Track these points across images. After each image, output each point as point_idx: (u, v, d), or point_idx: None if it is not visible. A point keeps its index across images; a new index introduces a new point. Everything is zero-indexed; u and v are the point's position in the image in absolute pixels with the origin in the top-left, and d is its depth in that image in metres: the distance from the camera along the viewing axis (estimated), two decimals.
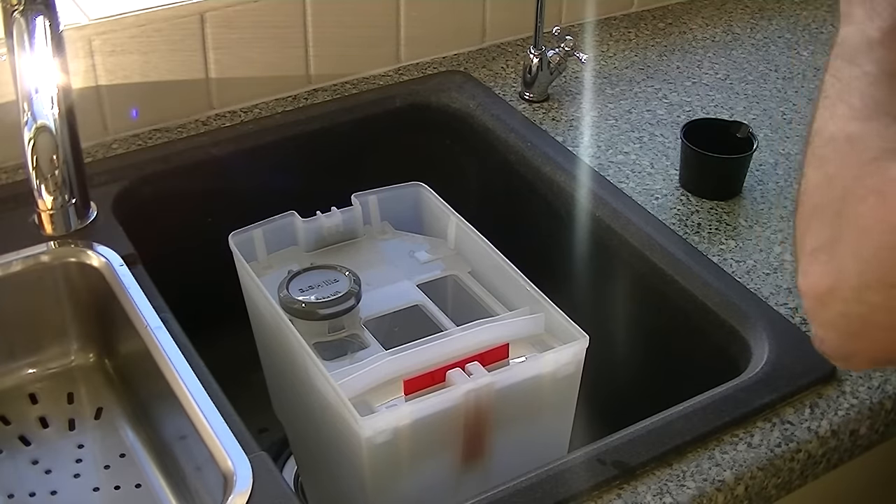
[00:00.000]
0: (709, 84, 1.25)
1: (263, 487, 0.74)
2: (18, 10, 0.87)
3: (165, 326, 0.87)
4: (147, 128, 1.12)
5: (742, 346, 0.89)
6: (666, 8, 1.43)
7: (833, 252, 0.56)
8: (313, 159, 1.16)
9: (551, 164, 1.10)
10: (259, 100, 1.18)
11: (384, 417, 0.75)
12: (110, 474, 0.91)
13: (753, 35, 1.36)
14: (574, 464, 0.76)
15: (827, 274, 0.56)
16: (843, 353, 0.61)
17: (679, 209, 1.04)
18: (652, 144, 1.14)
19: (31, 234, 0.97)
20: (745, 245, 0.99)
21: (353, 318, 0.88)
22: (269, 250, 0.95)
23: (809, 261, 0.58)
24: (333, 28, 1.19)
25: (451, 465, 0.82)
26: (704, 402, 0.81)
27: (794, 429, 0.81)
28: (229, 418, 0.79)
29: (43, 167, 0.93)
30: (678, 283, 0.95)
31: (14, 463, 0.92)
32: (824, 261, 0.56)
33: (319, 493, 0.98)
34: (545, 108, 1.20)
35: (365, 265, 0.94)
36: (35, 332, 0.98)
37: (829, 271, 0.56)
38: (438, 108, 1.21)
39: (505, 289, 0.91)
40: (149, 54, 1.09)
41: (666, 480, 0.76)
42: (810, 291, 0.58)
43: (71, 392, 0.98)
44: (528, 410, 0.83)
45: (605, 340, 0.91)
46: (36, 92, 0.90)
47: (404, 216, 1.00)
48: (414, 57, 1.26)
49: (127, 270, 0.93)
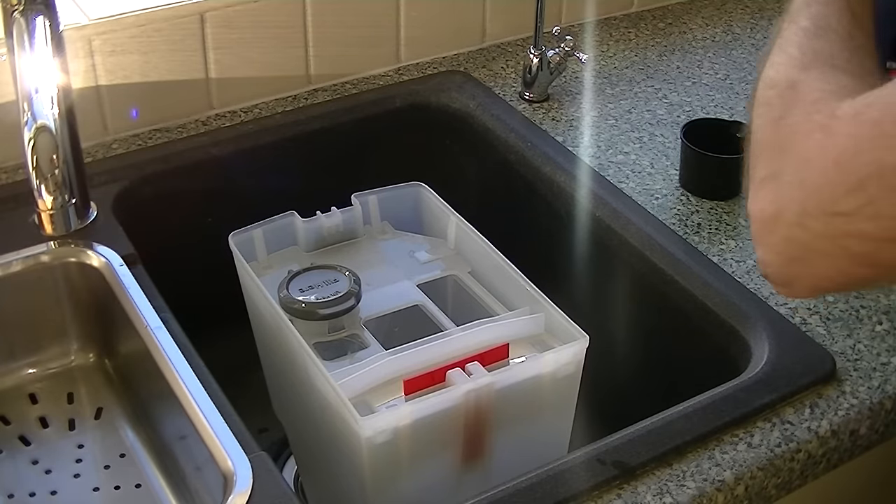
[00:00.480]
0: (709, 84, 1.25)
1: (263, 487, 0.74)
2: (18, 10, 0.87)
3: (165, 326, 0.87)
4: (147, 128, 1.12)
5: (742, 346, 0.89)
6: (666, 8, 1.43)
7: (779, 181, 0.60)
8: (313, 159, 1.16)
9: (551, 164, 1.10)
10: (259, 100, 1.18)
11: (384, 417, 0.75)
12: (110, 474, 0.91)
13: (753, 35, 1.36)
14: (574, 464, 0.76)
15: (773, 201, 0.60)
16: (784, 278, 0.63)
17: (679, 209, 1.04)
18: (652, 144, 1.14)
19: (31, 234, 0.97)
20: (745, 245, 0.99)
21: (353, 318, 0.88)
22: (269, 250, 0.95)
23: (758, 188, 0.61)
24: (333, 28, 1.19)
25: (451, 465, 0.82)
26: (704, 402, 0.81)
27: (794, 429, 0.81)
28: (229, 418, 0.79)
29: (43, 167, 0.93)
30: (678, 283, 0.95)
31: (14, 463, 0.92)
32: (771, 188, 0.60)
33: (319, 493, 0.98)
34: (545, 108, 1.20)
35: (365, 265, 0.94)
36: (35, 332, 0.98)
37: (774, 198, 0.60)
38: (438, 108, 1.21)
39: (505, 289, 0.91)
40: (149, 54, 1.09)
41: (666, 480, 0.76)
42: (757, 216, 0.61)
43: (71, 392, 0.98)
44: (528, 410, 0.83)
45: (605, 340, 0.91)
46: (36, 92, 0.90)
47: (404, 216, 1.00)
48: (414, 57, 1.26)
49: (127, 270, 0.93)
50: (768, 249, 0.62)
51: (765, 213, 0.61)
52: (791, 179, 0.59)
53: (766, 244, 0.62)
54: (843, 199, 0.57)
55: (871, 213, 0.56)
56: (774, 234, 0.61)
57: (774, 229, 0.60)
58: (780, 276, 0.63)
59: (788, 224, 0.59)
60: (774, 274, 0.63)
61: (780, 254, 0.61)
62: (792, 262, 0.61)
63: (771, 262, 0.62)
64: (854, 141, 0.56)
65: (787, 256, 0.61)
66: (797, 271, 0.62)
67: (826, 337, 0.89)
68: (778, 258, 0.62)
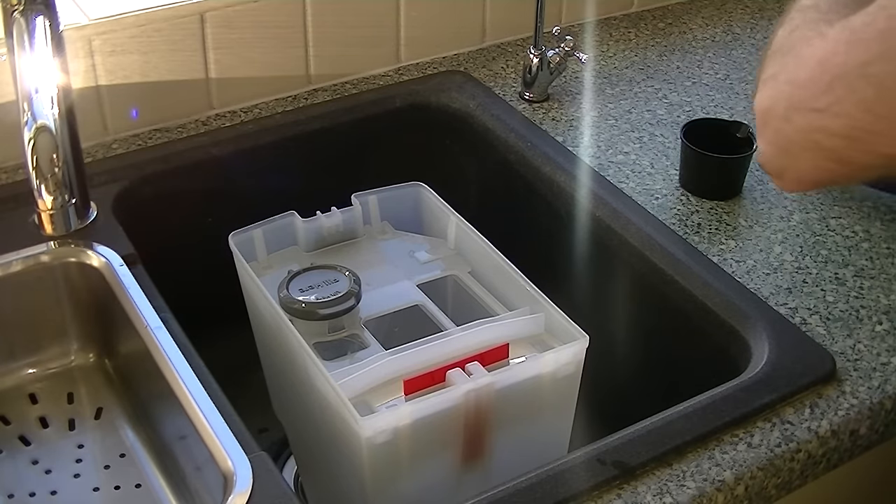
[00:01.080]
0: (709, 84, 1.25)
1: (263, 487, 0.74)
2: (18, 10, 0.87)
3: (165, 326, 0.87)
4: (147, 128, 1.12)
5: (742, 346, 0.89)
6: (666, 8, 1.43)
7: (777, 79, 0.66)
8: (313, 159, 1.16)
9: (551, 164, 1.10)
10: (259, 100, 1.18)
11: (384, 417, 0.75)
12: (110, 474, 0.91)
13: (753, 35, 1.36)
14: (574, 464, 0.76)
15: (769, 97, 0.67)
16: (776, 169, 0.69)
17: (679, 209, 1.04)
18: (652, 144, 1.14)
19: (31, 234, 0.97)
20: (745, 245, 0.99)
21: (353, 318, 0.88)
22: (269, 250, 0.95)
23: (761, 87, 0.68)
24: (333, 28, 1.19)
25: (451, 465, 0.82)
26: (704, 402, 0.81)
27: (794, 429, 0.81)
28: (229, 418, 0.79)
29: (43, 167, 0.93)
30: (678, 283, 0.95)
31: (14, 463, 0.92)
32: (771, 85, 0.67)
33: (319, 493, 0.98)
34: (545, 108, 1.20)
35: (365, 265, 0.94)
36: (35, 332, 0.98)
37: (770, 94, 0.67)
38: (438, 108, 1.21)
39: (505, 289, 0.91)
40: (149, 54, 1.09)
41: (666, 480, 0.76)
42: (757, 109, 0.68)
43: (71, 392, 0.98)
44: (528, 410, 0.83)
45: (605, 340, 0.91)
46: (36, 92, 0.90)
47: (404, 216, 1.00)
48: (414, 57, 1.26)
49: (127, 270, 0.93)
50: (764, 140, 0.68)
51: (761, 106, 0.67)
52: (786, 77, 0.65)
53: (763, 136, 0.68)
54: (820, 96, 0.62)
55: (837, 111, 0.62)
56: (768, 127, 0.67)
57: (768, 121, 0.67)
58: (773, 166, 0.69)
59: (778, 117, 0.66)
60: (768, 164, 0.70)
61: (772, 144, 0.67)
62: (781, 154, 0.67)
63: (765, 152, 0.68)
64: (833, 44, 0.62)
65: (777, 147, 0.67)
66: (785, 163, 0.68)
67: (826, 337, 0.89)
68: (770, 149, 0.68)
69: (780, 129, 0.66)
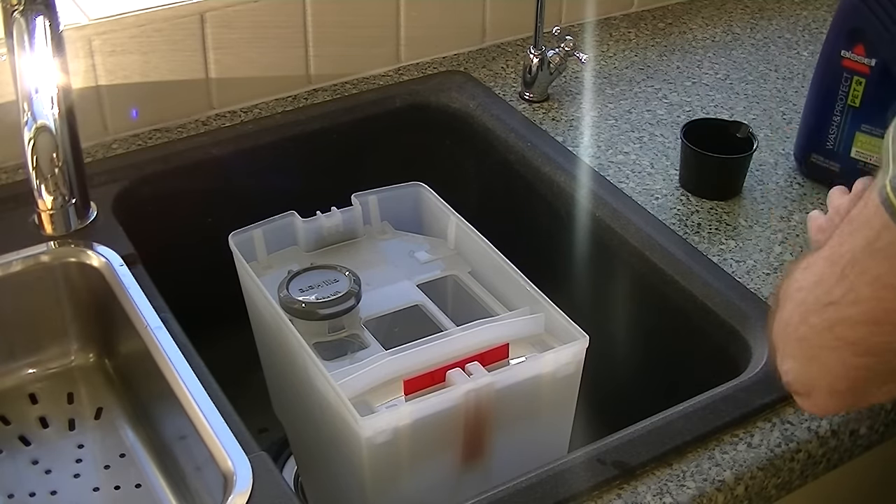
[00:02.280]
0: (709, 84, 1.25)
1: (263, 487, 0.74)
2: (18, 10, 0.87)
3: (165, 326, 0.87)
4: (147, 128, 1.12)
5: (742, 346, 0.89)
6: (666, 8, 1.43)
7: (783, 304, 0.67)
8: (313, 159, 1.16)
9: (551, 164, 1.10)
10: (259, 100, 1.18)
11: (384, 417, 0.75)
12: (110, 474, 0.91)
13: (753, 35, 1.36)
14: (574, 464, 0.76)
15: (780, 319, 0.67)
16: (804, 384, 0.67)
17: (679, 209, 1.04)
18: (652, 144, 1.14)
19: (31, 234, 0.97)
20: (745, 245, 0.99)
21: (353, 318, 0.88)
22: (269, 250, 0.95)
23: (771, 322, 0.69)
24: (333, 28, 1.19)
25: (451, 465, 0.82)
26: (704, 402, 0.81)
27: (794, 429, 0.81)
28: (229, 418, 0.79)
29: (43, 167, 0.93)
30: (678, 283, 0.95)
31: (14, 463, 0.92)
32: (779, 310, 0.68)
33: (319, 493, 0.98)
34: (545, 108, 1.20)
35: (365, 265, 0.94)
36: (35, 332, 0.98)
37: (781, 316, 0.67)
38: (438, 108, 1.21)
39: (505, 289, 0.91)
40: (149, 54, 1.09)
41: (666, 480, 0.76)
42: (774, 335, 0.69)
43: (71, 392, 0.98)
44: (528, 410, 0.83)
45: (605, 340, 0.91)
46: (36, 92, 0.90)
47: (404, 216, 1.00)
48: (414, 57, 1.26)
49: (127, 270, 0.93)
50: (787, 357, 0.67)
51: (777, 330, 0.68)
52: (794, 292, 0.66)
53: (785, 355, 0.67)
54: (833, 289, 0.62)
55: (853, 298, 0.61)
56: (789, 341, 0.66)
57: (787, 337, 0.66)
58: (802, 383, 0.67)
59: (795, 327, 0.65)
60: (796, 382, 0.68)
61: (795, 357, 0.66)
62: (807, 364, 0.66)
63: (790, 368, 0.67)
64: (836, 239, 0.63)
65: (802, 358, 0.66)
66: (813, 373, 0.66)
67: None
68: (795, 363, 0.66)
69: (801, 338, 0.65)
